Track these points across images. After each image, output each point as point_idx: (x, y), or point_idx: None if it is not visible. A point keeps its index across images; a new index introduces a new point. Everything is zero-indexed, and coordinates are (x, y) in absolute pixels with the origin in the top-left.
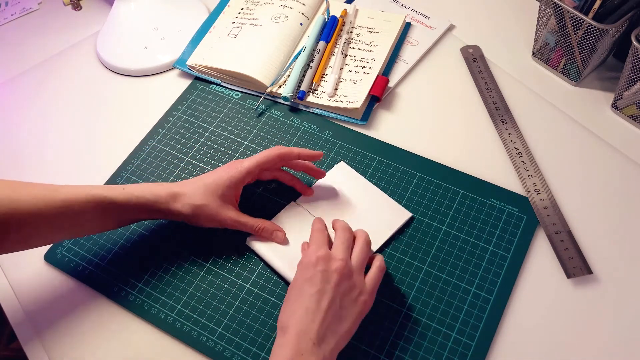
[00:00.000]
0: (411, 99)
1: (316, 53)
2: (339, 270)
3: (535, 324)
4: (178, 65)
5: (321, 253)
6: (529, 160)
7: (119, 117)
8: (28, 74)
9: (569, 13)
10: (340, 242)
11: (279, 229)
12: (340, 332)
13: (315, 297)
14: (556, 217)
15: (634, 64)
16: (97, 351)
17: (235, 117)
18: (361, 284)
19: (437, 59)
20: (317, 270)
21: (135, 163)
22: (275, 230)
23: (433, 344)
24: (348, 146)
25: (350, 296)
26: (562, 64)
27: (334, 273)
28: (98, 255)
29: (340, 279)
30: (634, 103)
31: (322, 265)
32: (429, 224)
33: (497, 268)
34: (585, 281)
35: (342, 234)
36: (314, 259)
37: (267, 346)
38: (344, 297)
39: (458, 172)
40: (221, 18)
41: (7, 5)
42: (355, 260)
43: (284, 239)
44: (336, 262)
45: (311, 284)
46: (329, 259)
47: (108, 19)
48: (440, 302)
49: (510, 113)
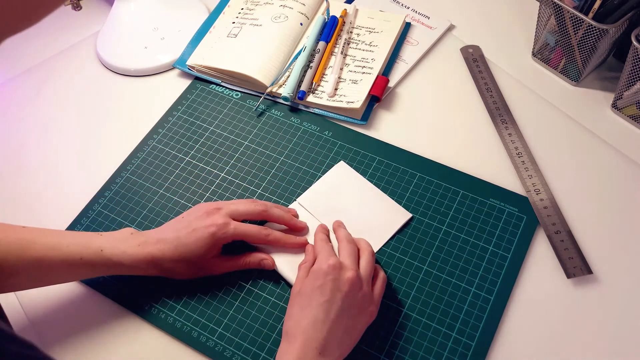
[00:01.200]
0: (411, 99)
1: (316, 53)
2: (351, 280)
3: (535, 324)
4: (178, 65)
5: (332, 262)
6: (529, 160)
7: (119, 117)
8: (28, 74)
9: (569, 13)
10: (347, 254)
11: (265, 257)
12: (346, 343)
13: (324, 306)
14: (556, 217)
15: (634, 64)
16: (97, 351)
17: (235, 117)
18: (370, 294)
19: (437, 59)
20: (329, 279)
21: (135, 163)
22: (261, 259)
23: (433, 344)
24: (348, 146)
25: (360, 307)
26: (562, 64)
27: (345, 283)
28: None
29: (350, 289)
30: (634, 103)
31: (334, 274)
32: (429, 224)
33: (497, 268)
34: (585, 281)
35: (347, 246)
36: (325, 267)
37: (267, 346)
38: (353, 307)
39: (458, 172)
40: (221, 18)
41: None
42: (364, 271)
43: (272, 264)
44: (348, 272)
45: (321, 293)
46: (341, 269)
47: (108, 19)
48: (440, 302)
49: (510, 113)
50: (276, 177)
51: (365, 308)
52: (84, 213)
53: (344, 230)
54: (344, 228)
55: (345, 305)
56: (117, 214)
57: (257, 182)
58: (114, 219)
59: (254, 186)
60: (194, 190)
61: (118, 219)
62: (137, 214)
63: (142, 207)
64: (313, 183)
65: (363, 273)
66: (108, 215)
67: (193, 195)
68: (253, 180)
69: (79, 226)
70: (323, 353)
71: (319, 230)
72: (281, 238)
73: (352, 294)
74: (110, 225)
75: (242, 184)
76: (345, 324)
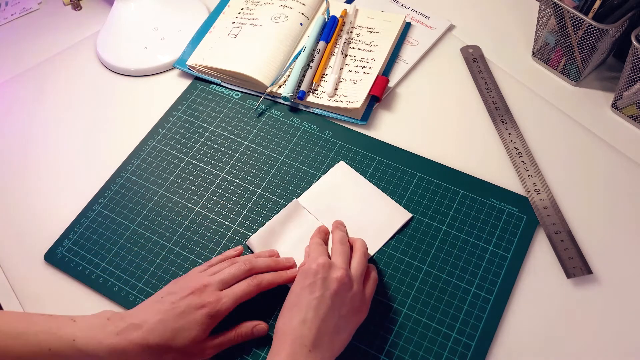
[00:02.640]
0: (411, 99)
1: (316, 53)
2: (339, 279)
3: (535, 324)
4: (178, 65)
5: (322, 261)
6: (529, 160)
7: (118, 117)
8: (28, 74)
9: (569, 13)
10: (339, 254)
11: (257, 324)
12: (337, 341)
13: (313, 304)
14: (556, 217)
15: (634, 64)
16: None
17: (235, 117)
18: (361, 294)
19: (437, 59)
20: (318, 278)
21: (135, 163)
22: (253, 327)
23: (433, 344)
24: (348, 146)
25: (350, 306)
26: (562, 64)
27: (334, 281)
28: (98, 255)
29: (339, 288)
30: (634, 103)
31: (323, 273)
32: (429, 224)
33: (497, 268)
34: (585, 281)
35: (339, 247)
36: (314, 267)
37: (266, 346)
38: (343, 306)
39: (458, 172)
40: (221, 18)
41: (7, 5)
42: (354, 271)
43: (266, 328)
44: (337, 271)
45: (310, 292)
46: (330, 268)
47: (108, 19)
48: (440, 302)
49: (510, 113)
50: (276, 177)
51: (356, 307)
52: (84, 213)
53: (340, 232)
54: (341, 230)
55: (334, 304)
56: (117, 214)
57: (257, 182)
58: (114, 219)
59: (254, 186)
60: (194, 190)
61: (118, 219)
62: (137, 214)
63: (142, 207)
64: (313, 183)
65: (354, 273)
66: (108, 215)
67: (193, 195)
68: (253, 180)
69: (79, 226)
70: (313, 350)
71: (315, 233)
72: (273, 279)
73: (341, 293)
74: (110, 225)
75: (242, 184)
76: (335, 322)
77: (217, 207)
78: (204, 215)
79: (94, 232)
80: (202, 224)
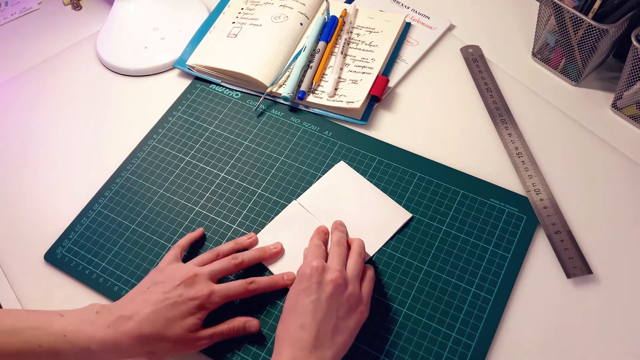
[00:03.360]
0: (411, 99)
1: (316, 53)
2: (334, 281)
3: (535, 324)
4: (178, 65)
5: (316, 264)
6: (529, 160)
7: (119, 117)
8: (28, 74)
9: (569, 13)
10: (335, 255)
11: (247, 320)
12: (338, 343)
13: (309, 308)
14: (556, 217)
15: (634, 64)
16: None
17: (235, 117)
18: (357, 294)
19: (437, 59)
20: (313, 282)
21: (135, 163)
22: (245, 323)
23: (433, 344)
24: (348, 146)
25: (347, 307)
26: (562, 64)
27: (328, 284)
28: (98, 255)
29: (334, 290)
30: (634, 103)
31: (317, 277)
32: (429, 224)
33: (497, 268)
34: (585, 281)
35: (336, 249)
36: (308, 270)
37: (267, 346)
38: (340, 307)
39: (458, 172)
40: (221, 18)
41: (7, 5)
42: (350, 271)
43: (258, 325)
44: (331, 273)
45: (306, 295)
46: (324, 270)
47: (108, 19)
48: (440, 302)
49: (510, 113)
50: (276, 177)
51: (354, 307)
52: (84, 213)
53: (338, 233)
54: (340, 230)
55: (331, 306)
56: (117, 213)
57: (257, 182)
58: (114, 218)
59: (254, 186)
60: (194, 190)
61: (118, 218)
62: (137, 214)
63: (142, 207)
64: (313, 183)
65: (349, 273)
66: (108, 215)
67: (193, 195)
68: (253, 180)
69: (79, 226)
70: (314, 352)
71: (314, 234)
72: (269, 283)
73: (337, 295)
74: (110, 225)
75: (242, 184)
76: (334, 324)
77: (217, 207)
78: (204, 215)
79: (94, 232)
80: (202, 224)
